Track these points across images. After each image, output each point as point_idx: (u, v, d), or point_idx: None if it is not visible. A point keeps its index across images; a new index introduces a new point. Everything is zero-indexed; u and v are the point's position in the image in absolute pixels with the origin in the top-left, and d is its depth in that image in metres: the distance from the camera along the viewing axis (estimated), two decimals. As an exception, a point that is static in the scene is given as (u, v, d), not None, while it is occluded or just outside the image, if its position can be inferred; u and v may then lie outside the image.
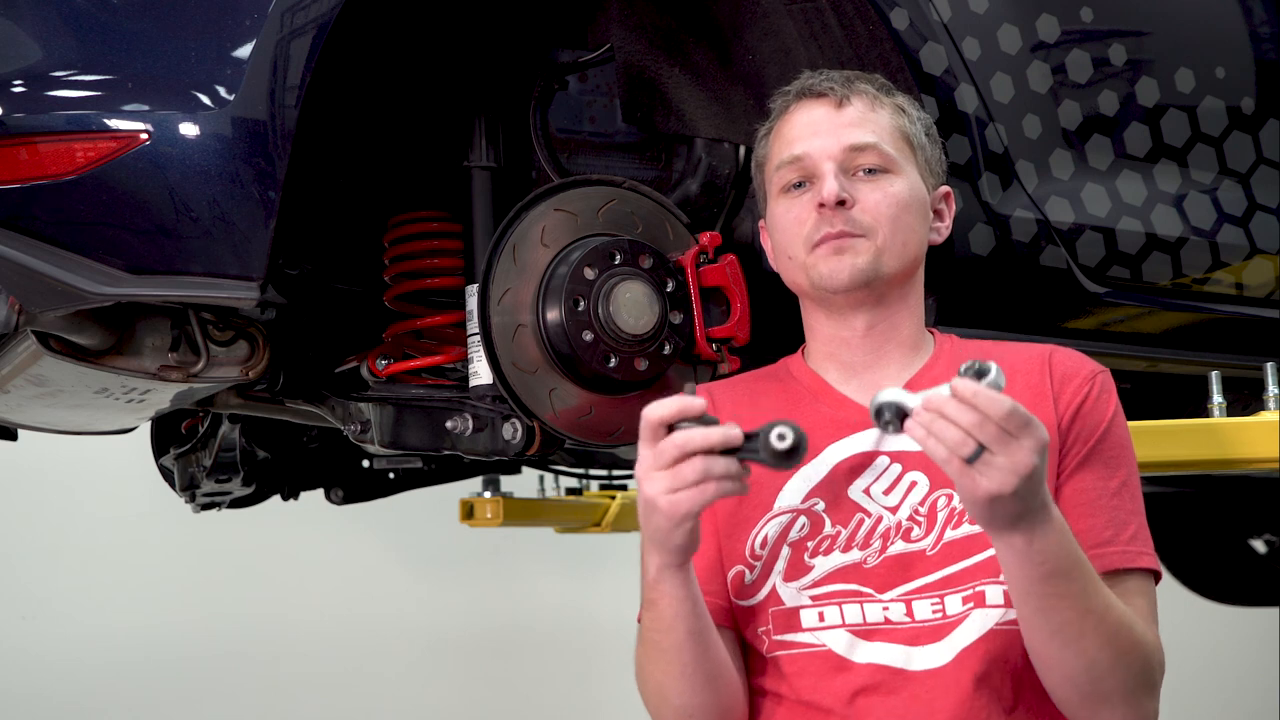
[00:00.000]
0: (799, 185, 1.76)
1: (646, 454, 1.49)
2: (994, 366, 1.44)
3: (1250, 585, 4.38)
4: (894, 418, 1.45)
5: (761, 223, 1.86)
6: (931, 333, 1.82)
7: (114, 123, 1.86)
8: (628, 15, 2.21)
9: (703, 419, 1.47)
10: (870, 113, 1.77)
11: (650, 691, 1.66)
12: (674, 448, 1.46)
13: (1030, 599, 1.53)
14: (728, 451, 1.46)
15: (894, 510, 1.67)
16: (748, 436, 1.46)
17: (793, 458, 1.43)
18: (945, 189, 1.85)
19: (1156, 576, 1.67)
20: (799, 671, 1.65)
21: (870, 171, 1.74)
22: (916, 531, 1.66)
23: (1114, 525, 1.64)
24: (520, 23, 2.26)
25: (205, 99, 1.86)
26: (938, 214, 1.83)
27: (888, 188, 1.74)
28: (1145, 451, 2.19)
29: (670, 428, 1.47)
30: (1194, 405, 2.33)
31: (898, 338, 1.76)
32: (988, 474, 1.42)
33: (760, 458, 1.44)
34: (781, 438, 1.43)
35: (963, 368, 1.45)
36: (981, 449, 1.41)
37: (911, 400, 1.45)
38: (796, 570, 1.67)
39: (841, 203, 1.71)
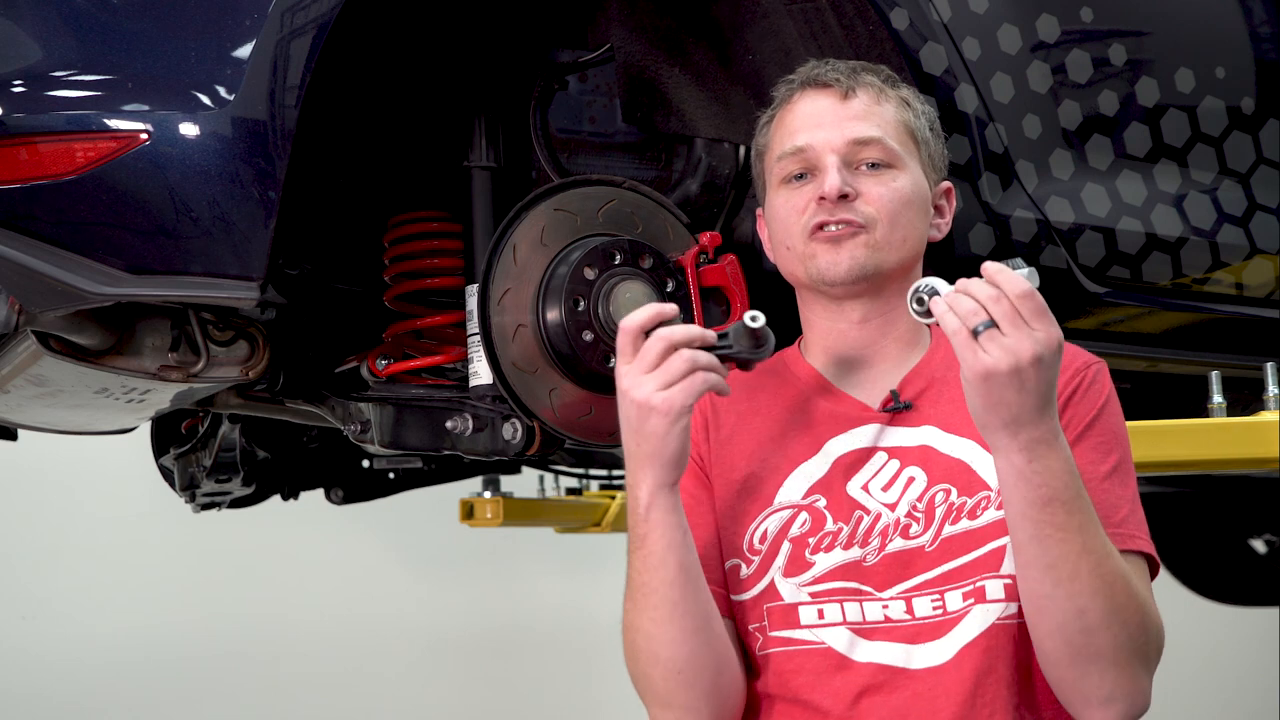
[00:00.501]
0: (800, 177, 1.74)
1: (629, 362, 1.56)
2: (1029, 268, 1.50)
3: (1250, 585, 4.38)
4: (928, 293, 1.52)
5: (759, 212, 1.84)
6: (929, 327, 1.80)
7: (114, 123, 1.86)
8: (628, 15, 2.21)
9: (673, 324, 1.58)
10: (875, 106, 1.75)
11: (639, 650, 1.63)
12: (659, 341, 1.55)
13: (1026, 524, 1.52)
14: (706, 350, 1.56)
15: (892, 507, 1.66)
16: (721, 335, 1.57)
17: (765, 340, 1.56)
18: (946, 185, 1.83)
19: (1153, 566, 1.65)
20: (796, 669, 1.64)
21: (873, 166, 1.72)
22: (915, 528, 1.65)
23: (1104, 508, 1.62)
24: (520, 23, 2.26)
25: (205, 99, 1.86)
26: (938, 210, 1.81)
27: (890, 182, 1.72)
28: (1145, 451, 2.19)
29: (647, 335, 1.56)
30: (1194, 405, 2.33)
31: (894, 332, 1.75)
32: (989, 348, 1.46)
33: (736, 351, 1.56)
34: (754, 319, 1.55)
35: (1002, 261, 1.51)
36: (991, 324, 1.46)
37: (945, 286, 1.51)
38: (797, 566, 1.66)
39: (844, 196, 1.70)
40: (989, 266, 1.49)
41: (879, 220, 1.70)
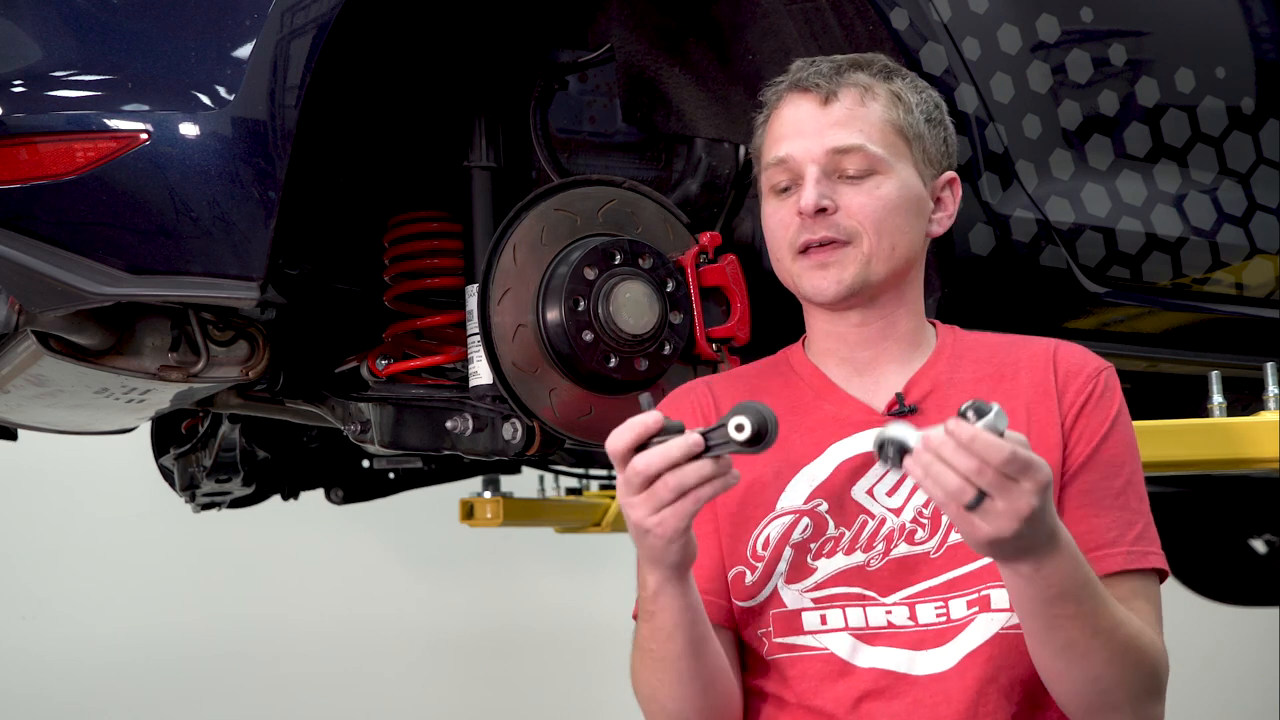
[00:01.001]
0: (786, 189, 1.71)
1: (620, 481, 1.48)
2: (995, 407, 1.40)
3: (1250, 585, 4.38)
4: (895, 455, 1.42)
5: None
6: (934, 324, 1.79)
7: (114, 123, 1.86)
8: (628, 15, 2.21)
9: (665, 429, 1.45)
10: (859, 108, 1.69)
11: (644, 695, 1.65)
12: (637, 475, 1.45)
13: (1038, 619, 1.51)
14: (700, 455, 1.44)
15: (897, 512, 1.65)
16: (713, 431, 1.44)
17: (760, 442, 1.42)
18: (949, 175, 1.76)
19: (1163, 575, 1.65)
20: (800, 675, 1.64)
21: (855, 175, 1.68)
22: (920, 534, 1.64)
23: (1119, 525, 1.62)
24: (520, 23, 2.26)
25: (205, 99, 1.86)
26: (940, 202, 1.75)
27: (874, 190, 1.67)
28: (1145, 451, 2.18)
29: (641, 448, 1.46)
30: (1194, 405, 2.33)
31: (895, 334, 1.73)
32: (988, 519, 1.39)
33: (732, 449, 1.43)
34: (740, 429, 1.41)
35: (962, 408, 1.41)
36: (982, 495, 1.39)
37: (913, 438, 1.41)
38: (799, 572, 1.65)
39: (822, 210, 1.66)
40: (959, 432, 1.37)
41: (863, 232, 1.67)
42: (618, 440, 1.46)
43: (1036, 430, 1.65)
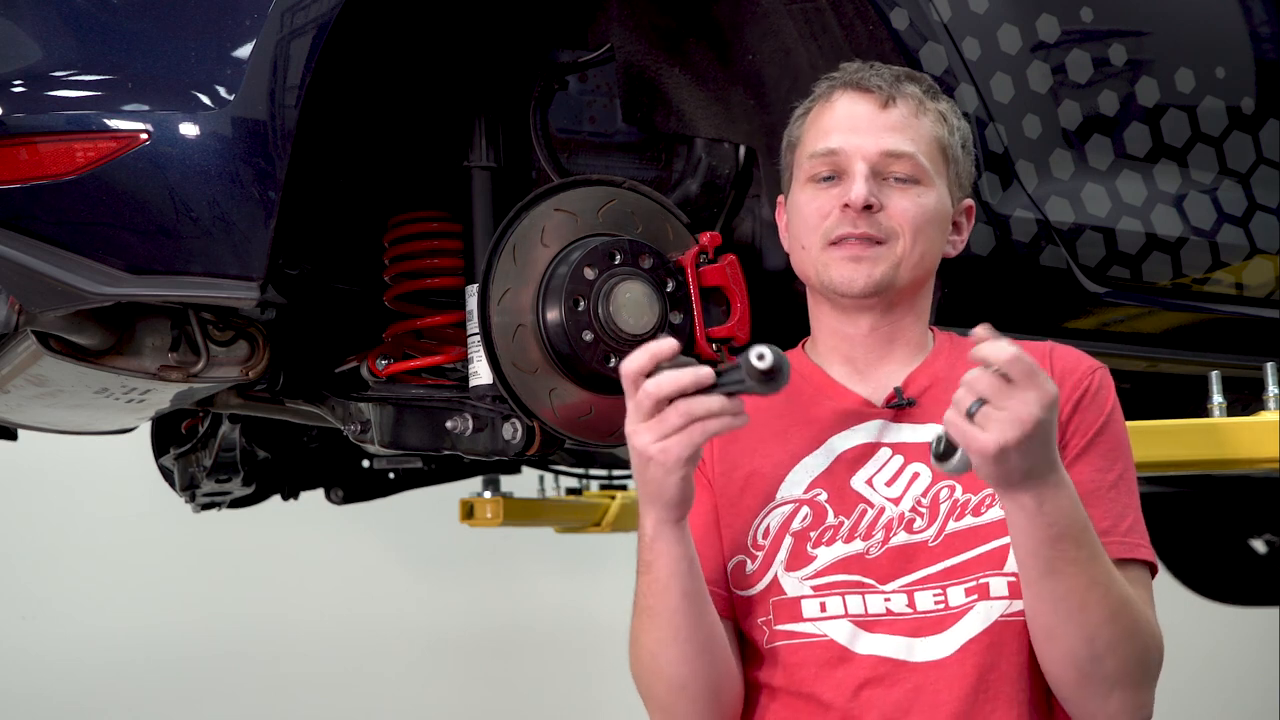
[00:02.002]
0: (828, 179, 1.73)
1: (630, 407, 1.51)
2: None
3: (1250, 585, 4.38)
4: (947, 444, 1.48)
5: (781, 199, 1.85)
6: (932, 330, 1.82)
7: (114, 123, 1.86)
8: (628, 15, 2.21)
9: (677, 362, 1.48)
10: (914, 119, 1.74)
11: (644, 665, 1.65)
12: (648, 397, 1.49)
13: (1037, 561, 1.53)
14: (712, 389, 1.47)
15: (896, 501, 1.67)
16: (728, 371, 1.47)
17: (775, 378, 1.44)
18: (968, 203, 1.82)
19: (1153, 571, 1.67)
20: (799, 662, 1.65)
21: (901, 179, 1.72)
22: (919, 523, 1.66)
23: (1112, 516, 1.64)
24: (520, 23, 2.26)
25: (205, 99, 1.86)
26: (956, 226, 1.81)
27: (917, 198, 1.72)
28: (1145, 451, 2.19)
29: (650, 376, 1.49)
30: (1194, 405, 2.33)
31: (902, 339, 1.77)
32: (988, 425, 1.43)
33: (745, 386, 1.45)
34: (760, 357, 1.43)
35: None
36: (982, 402, 1.42)
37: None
38: (799, 560, 1.68)
39: (868, 207, 1.70)
40: (974, 352, 1.45)
41: (901, 235, 1.71)
42: (632, 363, 1.50)
43: None
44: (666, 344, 1.49)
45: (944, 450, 1.50)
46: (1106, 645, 1.55)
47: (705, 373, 1.47)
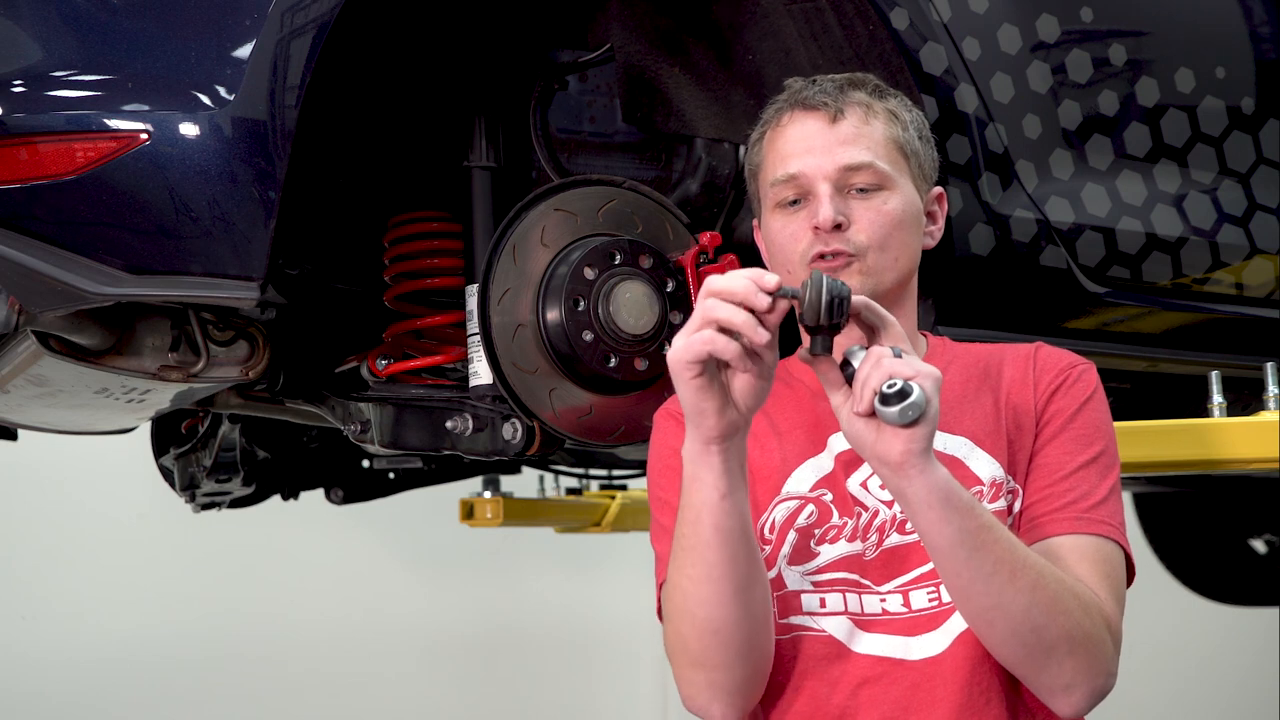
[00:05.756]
0: (794, 202, 1.75)
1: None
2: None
3: (1250, 585, 4.38)
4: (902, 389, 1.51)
5: (756, 223, 1.86)
6: (925, 335, 1.83)
7: (114, 123, 1.86)
8: (628, 15, 2.21)
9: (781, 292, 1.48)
10: (864, 126, 1.75)
11: (676, 606, 1.61)
12: (703, 292, 1.48)
13: (965, 538, 1.52)
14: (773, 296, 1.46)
15: (889, 504, 1.69)
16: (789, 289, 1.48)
17: (838, 312, 1.47)
18: (937, 191, 1.84)
19: (1130, 566, 1.67)
20: (800, 656, 1.67)
21: (864, 190, 1.73)
22: (910, 524, 1.66)
23: (1074, 494, 1.65)
24: (520, 23, 2.26)
25: (205, 99, 1.86)
26: (930, 216, 1.82)
27: (882, 206, 1.73)
28: (1144, 452, 2.20)
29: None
30: (1194, 405, 2.33)
31: None
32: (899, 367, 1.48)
33: (799, 309, 1.47)
34: (820, 281, 1.47)
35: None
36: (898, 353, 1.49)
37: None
38: (802, 555, 1.69)
39: (838, 226, 1.71)
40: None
41: (870, 247, 1.72)
42: (719, 282, 1.48)
43: (1016, 416, 1.71)
44: (772, 278, 1.48)
45: (898, 392, 1.47)
46: (1043, 613, 1.55)
47: (765, 280, 1.47)
